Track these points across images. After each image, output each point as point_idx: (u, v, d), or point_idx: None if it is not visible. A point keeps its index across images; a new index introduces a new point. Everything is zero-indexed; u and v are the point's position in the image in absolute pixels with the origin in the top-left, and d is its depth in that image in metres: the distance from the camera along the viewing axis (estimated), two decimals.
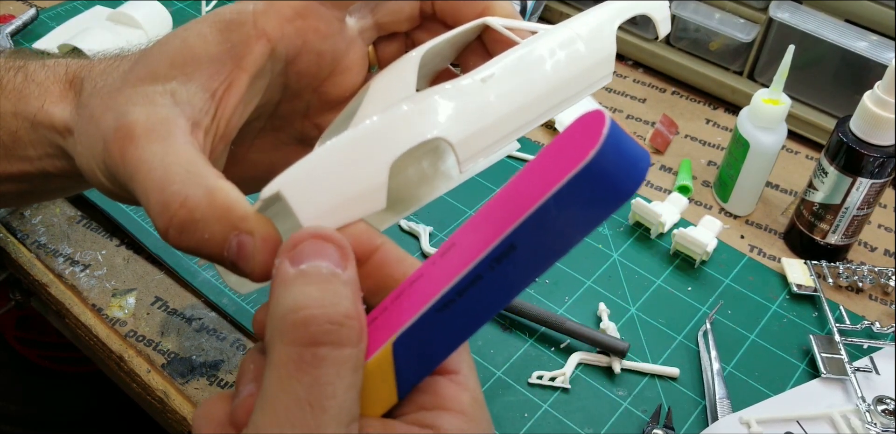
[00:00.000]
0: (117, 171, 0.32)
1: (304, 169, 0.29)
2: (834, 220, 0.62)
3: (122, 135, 0.31)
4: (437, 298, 0.26)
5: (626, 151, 0.23)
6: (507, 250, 0.24)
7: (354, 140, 0.30)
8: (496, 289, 0.25)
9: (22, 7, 0.86)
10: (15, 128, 0.38)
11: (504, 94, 0.33)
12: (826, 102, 0.74)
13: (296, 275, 0.26)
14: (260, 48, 0.33)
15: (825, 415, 0.53)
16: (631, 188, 0.23)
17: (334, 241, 0.27)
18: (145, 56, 0.34)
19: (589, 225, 0.24)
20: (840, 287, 0.63)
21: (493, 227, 0.25)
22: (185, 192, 0.29)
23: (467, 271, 0.25)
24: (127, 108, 0.32)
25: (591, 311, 0.60)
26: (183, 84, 0.32)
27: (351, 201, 0.29)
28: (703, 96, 0.82)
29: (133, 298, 0.59)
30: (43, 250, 0.62)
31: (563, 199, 0.23)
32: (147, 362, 0.56)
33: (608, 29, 0.37)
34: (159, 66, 0.33)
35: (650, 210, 0.64)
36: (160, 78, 0.32)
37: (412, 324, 0.26)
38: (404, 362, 0.27)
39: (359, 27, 0.38)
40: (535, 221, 0.23)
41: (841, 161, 0.59)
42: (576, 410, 0.54)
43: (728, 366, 0.57)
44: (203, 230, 0.29)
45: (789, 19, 0.70)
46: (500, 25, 0.37)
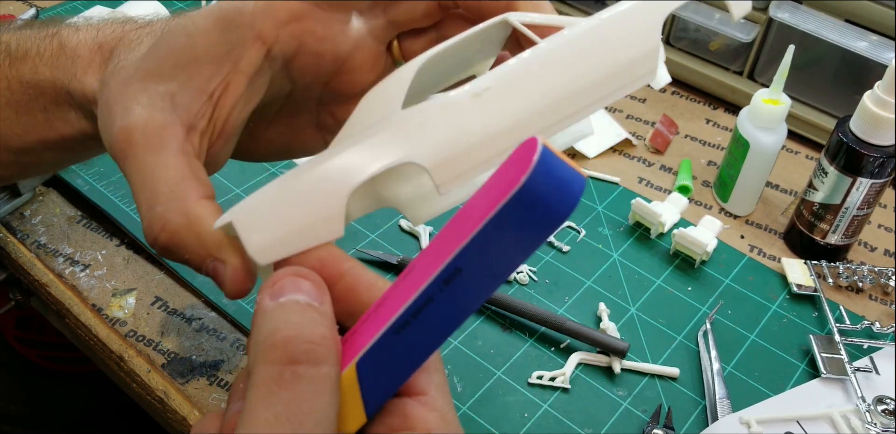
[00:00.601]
0: (118, 165, 0.34)
1: (258, 200, 0.30)
2: (834, 220, 0.62)
3: (123, 138, 0.33)
4: (393, 321, 0.27)
5: (558, 176, 0.23)
6: (454, 273, 0.25)
7: (311, 171, 0.30)
8: (448, 310, 0.26)
9: (22, 7, 0.86)
10: (55, 94, 0.39)
11: (498, 110, 0.31)
12: (826, 102, 0.74)
13: (275, 306, 0.28)
14: (256, 51, 0.34)
15: (825, 415, 0.53)
16: (564, 212, 0.24)
17: (310, 279, 0.29)
18: (156, 48, 0.35)
19: (528, 247, 0.25)
20: (840, 287, 0.63)
21: (442, 250, 0.26)
22: (167, 217, 0.32)
23: (418, 294, 0.26)
24: (131, 107, 0.34)
25: (591, 311, 0.60)
26: (182, 85, 0.34)
27: (305, 231, 0.30)
28: (703, 96, 0.82)
29: (133, 298, 0.59)
30: (43, 250, 0.62)
31: (500, 223, 0.24)
32: (147, 362, 0.56)
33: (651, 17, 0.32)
34: (165, 63, 0.34)
35: (650, 210, 0.64)
36: (164, 77, 0.34)
37: (372, 345, 0.27)
38: (368, 382, 0.28)
39: (369, 27, 0.37)
40: (476, 245, 0.25)
41: (841, 161, 0.59)
42: (576, 410, 0.54)
43: (728, 366, 0.57)
44: (182, 252, 0.32)
45: (789, 19, 0.70)
46: (519, 22, 0.34)
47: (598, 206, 0.68)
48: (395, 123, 0.31)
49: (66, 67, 0.39)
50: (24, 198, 0.65)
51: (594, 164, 0.73)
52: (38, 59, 0.39)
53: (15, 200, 0.65)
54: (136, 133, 0.33)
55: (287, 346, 0.27)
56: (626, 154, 0.74)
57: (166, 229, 0.32)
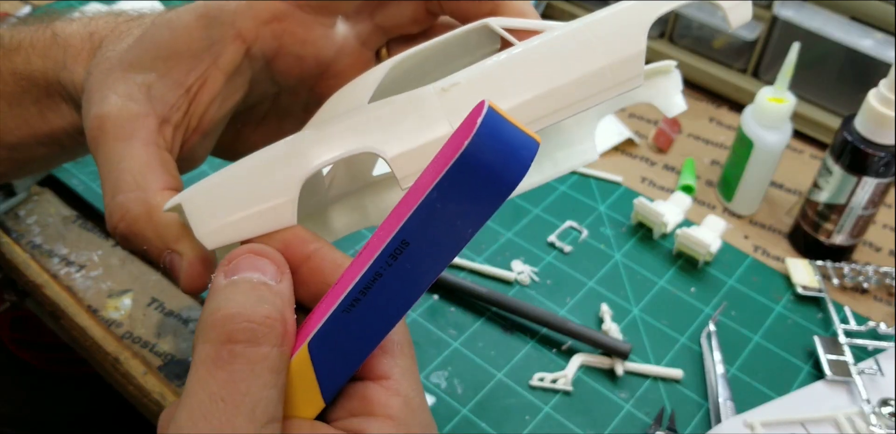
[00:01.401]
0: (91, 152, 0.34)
1: (211, 183, 0.30)
2: (839, 220, 0.61)
3: (97, 125, 0.34)
4: (342, 299, 0.26)
5: (504, 140, 0.22)
6: (400, 246, 0.25)
7: (267, 157, 0.30)
8: (398, 285, 0.26)
9: (17, 4, 0.85)
10: (46, 84, 0.39)
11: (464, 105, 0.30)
12: (831, 101, 0.74)
13: (226, 284, 0.27)
14: (235, 48, 0.35)
15: (830, 417, 0.53)
16: (511, 178, 0.23)
17: (269, 257, 0.28)
18: (141, 40, 0.36)
19: (478, 217, 0.24)
20: (845, 288, 0.63)
21: (391, 224, 0.25)
22: (127, 206, 0.32)
23: (366, 270, 0.25)
24: (107, 95, 0.34)
25: (593, 312, 0.60)
26: (161, 77, 0.34)
27: (256, 217, 0.29)
28: (706, 95, 0.81)
29: (129, 299, 0.59)
30: (38, 251, 0.62)
31: (444, 191, 0.23)
32: (143, 364, 0.55)
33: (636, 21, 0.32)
34: (145, 55, 0.35)
35: (653, 210, 0.64)
36: (144, 68, 0.35)
37: (322, 325, 0.27)
38: (322, 364, 0.27)
39: (355, 31, 0.38)
40: (420, 216, 0.24)
41: (846, 160, 0.58)
42: (578, 413, 0.53)
43: (732, 368, 0.57)
44: (141, 243, 0.32)
45: (794, 17, 0.70)
46: (499, 27, 0.34)
47: (601, 206, 0.68)
48: (360, 114, 0.30)
49: (57, 57, 0.39)
50: (19, 198, 0.65)
51: (596, 163, 0.72)
52: (30, 50, 0.39)
53: (10, 200, 0.64)
54: (108, 121, 0.33)
55: (226, 324, 0.26)
56: (629, 153, 0.74)
57: (125, 219, 0.32)
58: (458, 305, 0.59)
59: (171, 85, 0.34)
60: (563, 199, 0.68)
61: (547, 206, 0.67)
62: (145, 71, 0.34)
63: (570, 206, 0.68)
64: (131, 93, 0.34)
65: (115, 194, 0.32)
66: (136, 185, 0.32)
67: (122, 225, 0.32)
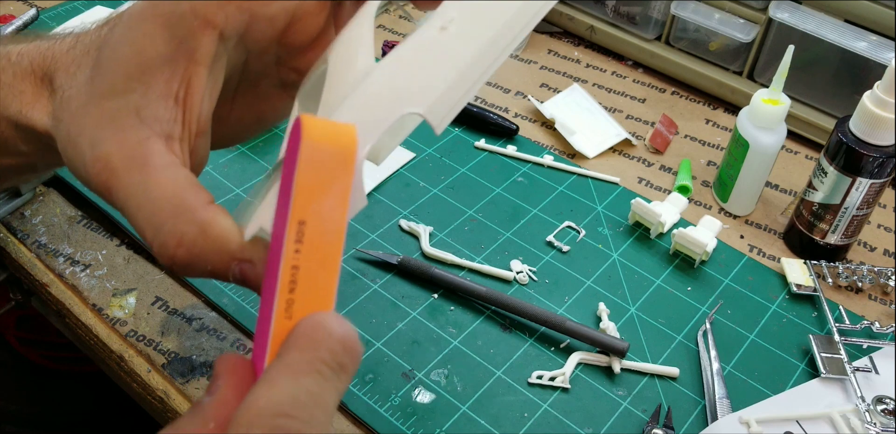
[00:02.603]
0: (104, 198, 0.32)
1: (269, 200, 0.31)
2: (833, 220, 0.62)
3: (101, 167, 0.31)
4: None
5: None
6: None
7: None
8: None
9: (22, 7, 0.86)
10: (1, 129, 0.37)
11: (467, 38, 0.32)
12: (826, 102, 0.74)
13: None
14: (208, 37, 0.32)
15: (825, 415, 0.54)
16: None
17: None
18: (100, 63, 0.33)
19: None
20: (839, 287, 0.63)
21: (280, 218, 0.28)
22: (180, 231, 0.30)
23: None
24: (98, 135, 0.32)
25: (590, 310, 0.60)
26: (144, 96, 0.32)
27: None
28: (702, 96, 0.82)
29: (133, 298, 0.60)
30: (43, 250, 0.62)
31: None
32: (147, 362, 0.56)
33: None
34: (116, 78, 0.32)
35: (650, 210, 0.64)
36: (120, 93, 0.32)
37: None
38: None
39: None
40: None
41: (840, 161, 0.59)
42: (575, 410, 0.54)
43: (728, 366, 0.57)
44: (205, 263, 0.30)
45: (789, 19, 0.70)
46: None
47: (598, 206, 0.68)
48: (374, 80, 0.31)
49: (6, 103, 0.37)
50: (25, 198, 0.65)
51: (594, 164, 0.73)
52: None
53: (15, 200, 0.65)
54: (114, 159, 0.31)
55: None
56: (626, 154, 0.74)
57: (183, 244, 0.30)
58: (458, 304, 0.60)
59: (157, 101, 0.32)
60: (561, 200, 0.69)
61: (545, 206, 0.68)
62: (124, 95, 0.32)
63: (568, 207, 0.68)
64: (121, 123, 0.32)
65: (159, 226, 0.30)
66: (180, 209, 0.30)
67: (180, 251, 0.30)
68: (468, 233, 0.65)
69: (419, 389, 0.54)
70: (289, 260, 0.27)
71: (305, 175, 0.27)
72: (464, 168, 0.71)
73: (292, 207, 0.27)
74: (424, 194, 0.68)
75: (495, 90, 0.81)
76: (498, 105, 0.79)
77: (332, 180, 0.28)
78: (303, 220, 0.27)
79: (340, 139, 0.28)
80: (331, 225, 0.28)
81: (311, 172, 0.27)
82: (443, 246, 0.64)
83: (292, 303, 0.27)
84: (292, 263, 0.27)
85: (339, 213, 0.28)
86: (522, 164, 0.72)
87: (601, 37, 0.85)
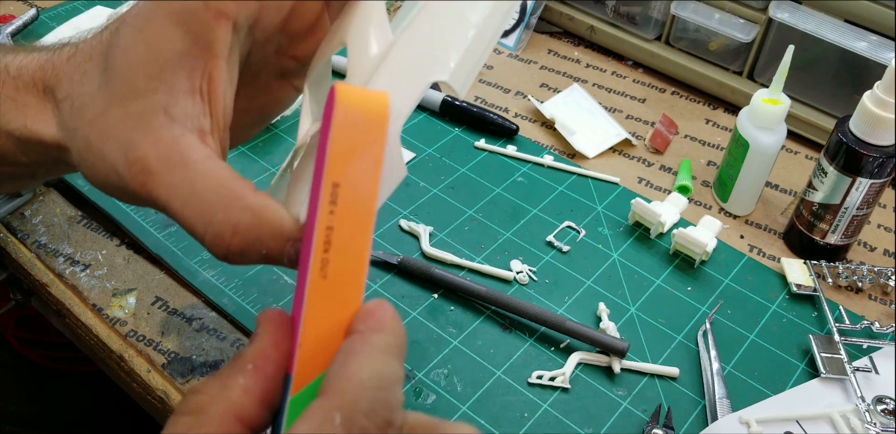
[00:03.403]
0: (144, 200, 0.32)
1: None
2: (833, 220, 0.62)
3: (139, 170, 0.31)
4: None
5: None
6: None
7: None
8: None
9: (22, 7, 0.86)
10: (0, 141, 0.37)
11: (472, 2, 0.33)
12: (826, 102, 0.74)
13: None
14: (223, 28, 0.32)
15: (825, 414, 0.54)
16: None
17: None
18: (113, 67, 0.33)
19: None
20: (839, 287, 0.63)
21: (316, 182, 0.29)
22: (234, 220, 0.30)
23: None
24: (129, 138, 0.32)
25: (590, 310, 0.60)
26: (169, 94, 0.32)
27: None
28: (702, 96, 0.82)
29: (133, 298, 0.60)
30: (43, 250, 0.62)
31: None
32: (147, 362, 0.56)
33: None
34: (136, 80, 0.32)
35: (650, 210, 0.64)
36: (143, 93, 0.32)
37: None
38: None
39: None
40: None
41: (840, 161, 0.59)
42: (575, 410, 0.54)
43: (728, 365, 0.57)
44: (260, 248, 0.31)
45: (789, 19, 0.70)
46: None
47: (598, 206, 0.68)
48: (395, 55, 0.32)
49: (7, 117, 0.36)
50: (25, 198, 0.65)
51: (594, 164, 0.73)
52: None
53: (15, 200, 0.65)
54: (151, 160, 0.31)
55: None
56: (626, 154, 0.75)
57: (239, 231, 0.30)
58: (458, 304, 0.60)
59: (183, 97, 0.32)
60: (561, 200, 0.69)
61: (545, 206, 0.68)
62: (147, 95, 0.32)
63: (568, 207, 0.68)
64: (151, 123, 0.31)
65: (210, 218, 0.30)
66: (229, 199, 0.30)
67: (236, 239, 0.30)
68: (468, 233, 0.65)
69: (419, 389, 0.54)
70: (323, 220, 0.28)
71: (339, 138, 0.28)
72: (464, 168, 0.71)
73: (326, 170, 0.28)
74: (424, 194, 0.68)
75: (495, 90, 0.81)
76: (498, 105, 0.79)
77: (366, 144, 0.28)
78: (337, 183, 0.28)
79: (373, 105, 0.29)
80: (364, 188, 0.29)
81: (345, 136, 0.28)
82: (443, 246, 0.64)
83: (327, 262, 0.28)
84: (327, 224, 0.28)
85: (372, 176, 0.29)
86: (522, 164, 0.72)
87: (601, 37, 0.85)
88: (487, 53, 0.34)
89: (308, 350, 0.28)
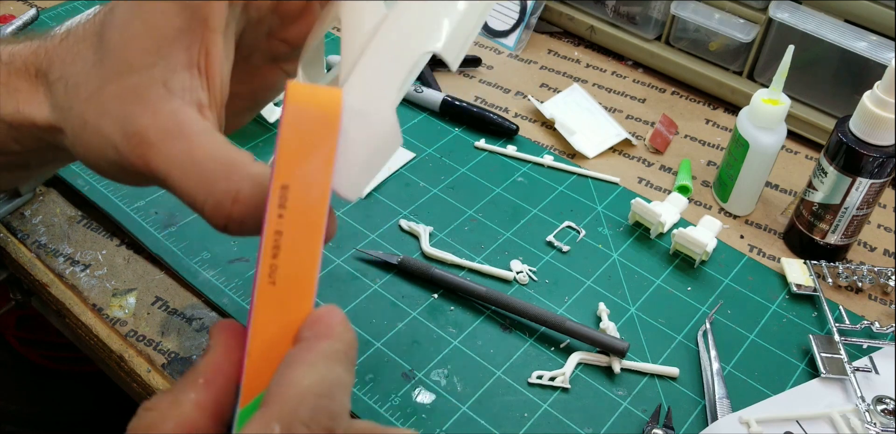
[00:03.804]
0: (142, 173, 0.32)
1: None
2: (833, 220, 0.62)
3: (137, 142, 0.31)
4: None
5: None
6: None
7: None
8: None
9: (22, 7, 0.86)
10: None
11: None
12: (826, 102, 0.74)
13: None
14: (219, 4, 0.32)
15: (825, 414, 0.54)
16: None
17: None
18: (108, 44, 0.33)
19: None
20: (839, 287, 0.63)
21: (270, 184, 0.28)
22: (235, 188, 0.30)
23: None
24: (127, 112, 0.31)
25: (590, 310, 0.60)
26: (166, 68, 0.32)
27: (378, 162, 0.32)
28: (702, 96, 0.82)
29: (133, 298, 0.60)
30: (43, 250, 0.62)
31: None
32: (147, 362, 0.56)
33: None
34: (132, 55, 0.32)
35: (650, 210, 0.64)
36: (140, 68, 0.32)
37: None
38: None
39: None
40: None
41: (840, 161, 0.59)
42: (575, 410, 0.54)
43: (728, 365, 0.57)
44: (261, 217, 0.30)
45: (789, 19, 0.70)
46: None
47: (598, 206, 0.68)
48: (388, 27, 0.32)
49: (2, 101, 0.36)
50: (25, 198, 0.65)
51: (594, 164, 0.73)
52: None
53: (15, 200, 0.65)
54: (150, 132, 0.31)
55: None
56: (626, 154, 0.75)
57: (240, 199, 0.30)
58: (458, 304, 0.60)
59: (181, 71, 0.32)
60: (560, 200, 0.69)
61: (545, 206, 0.68)
62: (145, 70, 0.31)
63: (568, 207, 0.68)
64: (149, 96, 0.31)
65: (210, 187, 0.30)
66: (230, 168, 0.30)
67: (237, 207, 0.30)
68: (468, 233, 0.65)
69: (419, 389, 0.54)
70: (272, 225, 0.27)
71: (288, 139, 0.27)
72: (464, 168, 0.71)
73: (275, 172, 0.27)
74: (424, 194, 0.68)
75: (495, 90, 0.81)
76: (498, 105, 0.79)
77: (316, 144, 0.27)
78: (286, 185, 0.27)
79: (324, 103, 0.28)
80: (315, 190, 0.27)
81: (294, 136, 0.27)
82: (443, 246, 0.64)
83: (276, 268, 0.27)
84: (276, 228, 0.27)
85: (323, 177, 0.28)
86: (522, 164, 0.72)
87: (601, 37, 0.85)
88: (479, 25, 0.34)
89: (256, 359, 0.28)
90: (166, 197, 0.65)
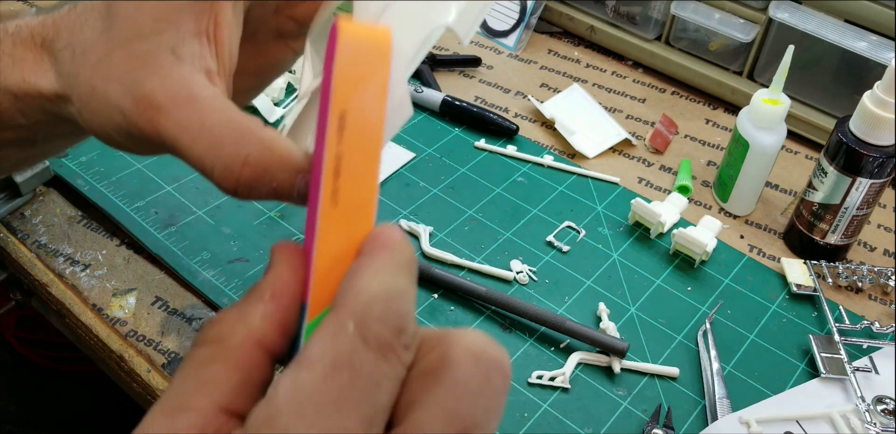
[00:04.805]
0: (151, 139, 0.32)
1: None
2: (833, 220, 0.62)
3: (146, 106, 0.31)
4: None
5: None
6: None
7: None
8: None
9: (22, 7, 0.86)
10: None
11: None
12: (826, 102, 0.74)
13: None
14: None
15: (825, 414, 0.54)
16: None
17: None
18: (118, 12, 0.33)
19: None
20: (839, 287, 0.64)
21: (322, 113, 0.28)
22: (244, 152, 0.30)
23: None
24: (135, 77, 0.32)
25: (590, 310, 0.60)
26: (176, 35, 0.32)
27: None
28: (702, 96, 0.82)
29: (133, 298, 0.60)
30: (43, 250, 0.62)
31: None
32: (147, 362, 0.56)
33: None
34: (143, 22, 0.32)
35: (650, 210, 0.64)
36: (149, 34, 0.32)
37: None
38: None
39: None
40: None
41: (840, 161, 0.59)
42: (575, 410, 0.54)
43: (728, 365, 0.57)
44: (271, 181, 0.30)
45: (789, 19, 0.70)
46: None
47: (598, 206, 0.68)
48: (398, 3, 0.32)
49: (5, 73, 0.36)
50: (25, 198, 0.65)
51: (594, 164, 0.73)
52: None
53: (15, 200, 0.65)
54: (159, 96, 0.31)
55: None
56: (626, 154, 0.75)
57: (249, 163, 0.30)
58: (458, 304, 0.60)
59: (190, 38, 0.32)
60: (561, 200, 0.69)
61: (545, 206, 0.68)
62: (154, 36, 0.32)
63: (568, 207, 0.68)
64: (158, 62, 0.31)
65: (219, 150, 0.30)
66: (239, 131, 0.30)
67: (246, 171, 0.30)
68: (468, 233, 0.65)
69: None
70: (332, 149, 0.27)
71: (344, 68, 0.28)
72: (464, 168, 0.71)
73: (332, 99, 0.28)
74: (424, 194, 0.68)
75: (495, 90, 0.81)
76: (498, 105, 0.79)
77: (370, 75, 0.28)
78: (343, 112, 0.28)
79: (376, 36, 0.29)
80: (371, 116, 0.28)
81: (349, 66, 0.28)
82: (443, 246, 0.64)
83: (338, 190, 0.28)
84: (336, 152, 0.28)
85: (378, 105, 0.29)
86: (522, 164, 0.72)
87: (601, 37, 0.85)
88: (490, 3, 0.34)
89: (321, 277, 0.28)
90: (166, 197, 0.66)
